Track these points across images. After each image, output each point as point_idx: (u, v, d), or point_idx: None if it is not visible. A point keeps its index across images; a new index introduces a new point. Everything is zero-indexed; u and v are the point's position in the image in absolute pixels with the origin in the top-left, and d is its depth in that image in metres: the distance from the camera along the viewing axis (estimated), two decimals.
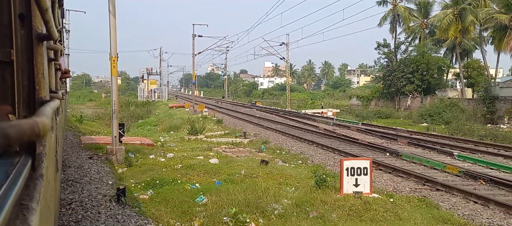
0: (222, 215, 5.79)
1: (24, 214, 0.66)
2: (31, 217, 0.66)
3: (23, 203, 0.70)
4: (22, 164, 0.82)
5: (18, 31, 1.02)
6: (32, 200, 0.73)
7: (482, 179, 8.34)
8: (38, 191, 0.80)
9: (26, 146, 0.92)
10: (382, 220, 5.62)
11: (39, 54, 1.17)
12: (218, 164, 10.24)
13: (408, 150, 12.63)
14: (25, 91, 1.09)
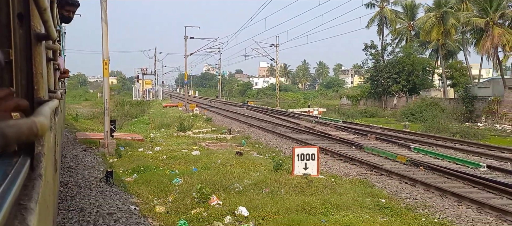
0: (191, 191, 7.13)
1: (23, 214, 0.66)
2: (30, 217, 0.66)
3: (21, 203, 0.69)
4: (21, 164, 0.82)
5: (17, 31, 1.02)
6: (30, 200, 0.72)
7: (422, 166, 9.73)
8: (37, 191, 0.80)
9: (25, 146, 0.92)
10: (320, 193, 6.98)
11: (38, 54, 1.16)
12: (199, 155, 11.58)
13: (374, 144, 14.02)
14: (24, 91, 1.09)
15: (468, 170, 9.62)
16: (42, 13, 1.10)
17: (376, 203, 6.74)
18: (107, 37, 11.78)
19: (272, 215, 5.89)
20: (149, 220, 5.88)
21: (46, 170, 1.06)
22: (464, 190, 7.67)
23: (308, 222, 5.48)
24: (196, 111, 28.71)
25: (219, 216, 6.00)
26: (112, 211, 5.95)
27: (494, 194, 7.40)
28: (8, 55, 0.99)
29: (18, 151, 0.90)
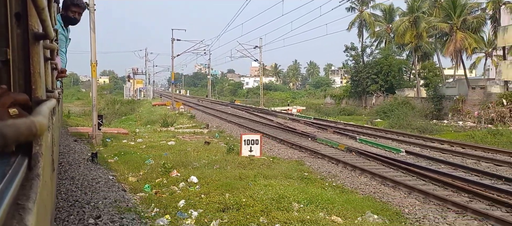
0: (159, 168, 9.25)
1: (21, 214, 0.66)
2: (28, 217, 0.67)
3: (19, 203, 0.70)
4: (19, 163, 0.83)
5: (14, 30, 1.02)
6: (28, 200, 0.73)
7: (354, 152, 11.95)
8: (35, 191, 0.80)
9: (23, 145, 0.91)
10: (257, 168, 9.14)
11: (36, 53, 1.16)
12: (174, 145, 13.69)
13: (328, 136, 16.23)
14: (22, 91, 1.08)
15: (391, 154, 11.85)
16: (40, 13, 1.11)
17: (299, 175, 8.91)
18: (95, 43, 13.84)
19: (215, 181, 8.02)
20: (123, 184, 8.00)
21: (43, 170, 1.06)
22: (370, 166, 9.89)
23: (238, 184, 7.61)
24: (182, 109, 30.79)
25: (175, 183, 8.11)
26: (95, 178, 8.06)
27: (392, 169, 9.63)
28: (6, 54, 0.99)
29: (15, 151, 0.89)
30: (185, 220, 5.89)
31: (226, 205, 6.28)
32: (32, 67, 1.15)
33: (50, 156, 1.67)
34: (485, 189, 7.58)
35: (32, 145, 0.97)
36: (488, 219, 5.91)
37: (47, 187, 1.29)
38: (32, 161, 0.95)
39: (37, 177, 0.90)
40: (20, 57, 1.09)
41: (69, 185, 7.50)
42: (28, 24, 1.10)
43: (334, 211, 6.15)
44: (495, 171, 9.57)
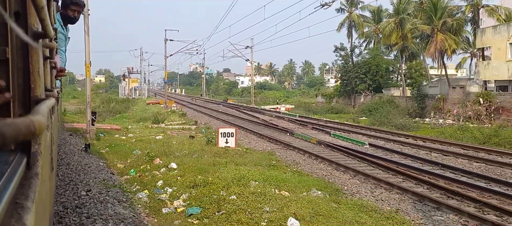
0: (143, 157, 10.57)
1: (19, 213, 0.67)
2: (26, 216, 0.67)
3: (18, 201, 0.71)
4: (17, 162, 0.83)
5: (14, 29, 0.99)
6: (27, 199, 0.74)
7: (323, 145, 13.32)
8: (33, 190, 0.81)
9: (21, 144, 0.92)
10: (230, 157, 10.48)
11: (35, 52, 1.17)
12: (161, 139, 15.01)
13: (306, 132, 17.59)
14: (21, 89, 1.09)
15: (356, 147, 13.22)
16: (39, 12, 1.11)
17: (267, 163, 10.25)
18: (89, 45, 15.12)
19: (191, 167, 9.34)
20: (111, 169, 9.32)
21: (42, 169, 1.05)
22: (332, 156, 11.25)
23: (210, 169, 8.94)
24: (174, 108, 32.09)
25: (157, 168, 9.44)
26: (88, 164, 9.38)
27: (350, 158, 11.01)
28: (5, 53, 0.99)
29: (14, 149, 0.89)
30: (160, 195, 7.23)
31: (196, 183, 7.62)
32: (31, 66, 1.13)
33: (49, 155, 1.66)
34: (420, 173, 8.97)
35: (31, 144, 0.97)
36: (406, 193, 7.29)
37: (46, 186, 1.26)
38: (31, 160, 0.94)
39: (35, 176, 0.89)
40: (19, 56, 1.07)
41: (65, 169, 8.81)
42: (28, 23, 1.10)
43: (284, 188, 7.50)
44: (440, 160, 10.96)
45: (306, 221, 5.72)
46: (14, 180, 0.72)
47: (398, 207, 6.82)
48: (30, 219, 0.69)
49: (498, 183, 8.36)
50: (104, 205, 6.11)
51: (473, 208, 6.64)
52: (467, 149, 13.39)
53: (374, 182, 8.27)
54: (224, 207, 6.22)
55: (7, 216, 0.63)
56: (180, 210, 6.40)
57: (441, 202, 6.84)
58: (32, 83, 1.16)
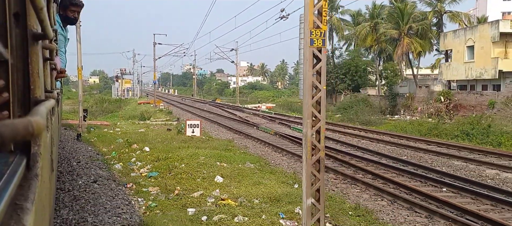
0: (124, 143, 13.19)
1: (19, 214, 0.67)
2: (26, 217, 0.68)
3: (17, 203, 0.71)
4: (17, 163, 0.84)
5: (13, 30, 1.04)
6: (26, 200, 0.74)
7: (277, 135, 16.01)
8: (33, 191, 0.82)
9: (21, 145, 0.93)
10: (194, 143, 13.13)
11: (34, 54, 1.18)
12: (143, 131, 17.62)
13: (271, 126, 20.27)
14: (20, 91, 1.11)
15: None
16: (38, 13, 1.12)
17: (224, 147, 12.88)
18: (81, 52, 17.71)
19: (160, 149, 11.96)
20: (97, 151, 11.95)
21: (42, 170, 1.06)
22: (280, 143, 13.91)
23: (174, 150, 11.56)
24: (162, 107, 34.70)
25: (134, 151, 12.05)
26: (78, 148, 12.00)
27: (296, 144, 13.67)
28: (4, 54, 0.98)
29: (14, 150, 0.90)
30: (132, 166, 9.87)
31: (159, 158, 10.28)
32: (30, 67, 1.14)
33: (49, 156, 1.68)
34: (351, 158, 11.57)
35: (30, 145, 0.98)
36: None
37: (45, 187, 1.29)
38: (31, 161, 0.95)
39: (35, 177, 0.90)
40: (19, 57, 1.08)
41: (61, 151, 11.42)
42: (27, 24, 1.11)
43: (224, 161, 10.17)
44: (376, 148, 13.59)
45: (228, 178, 8.39)
46: (13, 181, 0.72)
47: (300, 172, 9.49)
48: (30, 220, 0.69)
49: (405, 163, 10.92)
50: (89, 170, 8.76)
51: (369, 178, 9.31)
52: (401, 139, 16.12)
53: (296, 157, 10.97)
54: (174, 171, 8.89)
55: (6, 218, 0.63)
56: (144, 174, 9.05)
57: (348, 175, 9.44)
58: (32, 84, 1.16)
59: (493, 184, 8.31)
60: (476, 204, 7.03)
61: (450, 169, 9.95)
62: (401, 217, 6.32)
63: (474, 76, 29.47)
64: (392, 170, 9.76)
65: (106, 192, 7.07)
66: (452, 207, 6.62)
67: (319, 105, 5.65)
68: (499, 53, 27.47)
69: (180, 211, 6.07)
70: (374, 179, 8.77)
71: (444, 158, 11.42)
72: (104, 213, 5.84)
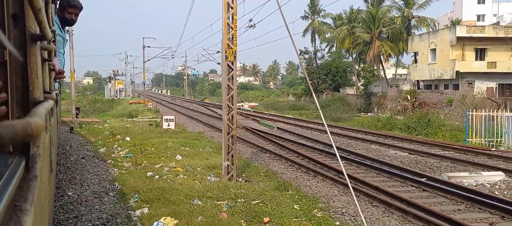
0: (109, 135, 15.87)
1: (18, 216, 0.68)
2: (25, 219, 0.68)
3: (16, 204, 0.71)
4: (16, 165, 0.84)
5: (12, 31, 1.05)
6: (26, 201, 0.75)
7: (244, 128, 18.76)
8: (32, 192, 0.82)
9: (20, 146, 0.94)
10: (168, 134, 15.84)
11: (33, 55, 1.19)
12: (128, 126, 20.30)
13: (244, 121, 23.00)
14: (19, 92, 1.11)
15: (267, 130, 18.64)
16: (37, 14, 1.13)
17: (193, 137, 15.57)
18: (73, 57, 20.35)
19: (138, 139, 14.64)
20: (86, 140, 14.63)
21: (41, 171, 1.07)
22: (243, 135, 16.62)
23: (150, 139, 14.24)
24: (150, 106, 37.36)
25: (117, 140, 14.73)
26: (71, 137, 14.68)
27: (255, 136, 16.41)
28: (3, 55, 1.00)
29: (13, 152, 0.91)
30: (113, 151, 12.55)
31: (135, 144, 12.99)
32: (29, 68, 1.15)
33: (48, 157, 1.70)
34: (292, 144, 14.31)
35: (29, 146, 0.98)
36: (256, 147, 12.69)
37: (45, 188, 1.30)
38: (30, 162, 0.96)
39: (34, 178, 0.90)
40: (17, 58, 1.09)
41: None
42: (26, 25, 1.11)
43: (188, 146, 12.88)
44: (321, 138, 16.36)
45: (186, 156, 11.10)
46: (13, 182, 0.72)
47: (249, 155, 12.23)
48: (29, 221, 0.69)
49: (343, 151, 13.67)
50: (79, 151, 11.46)
51: (293, 156, 12.02)
52: (351, 131, 18.90)
53: (250, 144, 13.72)
54: (145, 152, 11.61)
55: (6, 219, 0.63)
56: (122, 155, 11.74)
57: (277, 153, 12.13)
58: (31, 85, 1.16)
59: (388, 160, 11.05)
60: (358, 171, 9.74)
61: (366, 151, 12.72)
62: (301, 178, 9.04)
63: (436, 76, 32.40)
64: (317, 151, 12.51)
65: (91, 164, 9.78)
66: (341, 173, 9.35)
67: (233, 99, 8.41)
68: (457, 56, 30.42)
69: (142, 174, 8.78)
70: (297, 156, 11.53)
71: (366, 143, 14.21)
72: (88, 174, 8.55)
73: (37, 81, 1.24)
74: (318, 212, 6.36)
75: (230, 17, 7.96)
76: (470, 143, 14.67)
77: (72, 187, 7.58)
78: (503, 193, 7.74)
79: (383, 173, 9.26)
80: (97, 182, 8.00)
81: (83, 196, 6.94)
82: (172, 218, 5.63)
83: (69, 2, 3.97)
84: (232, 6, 7.93)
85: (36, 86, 1.21)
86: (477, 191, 7.42)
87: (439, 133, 18.52)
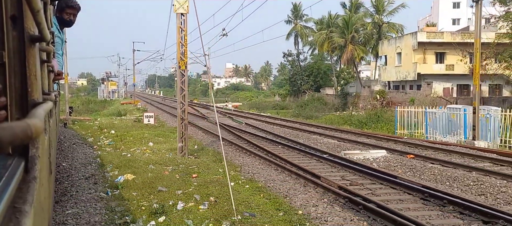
0: (97, 129, 18.87)
1: (17, 217, 0.68)
2: (24, 220, 0.69)
3: (16, 206, 0.72)
4: (15, 166, 0.85)
5: (10, 33, 1.05)
6: (25, 203, 0.75)
7: (215, 123, 21.81)
8: (31, 194, 0.83)
9: (19, 148, 0.95)
10: (148, 128, 18.86)
11: (32, 56, 1.20)
12: (115, 123, 23.30)
13: (220, 119, 26.03)
14: (18, 93, 1.12)
15: (236, 124, 21.66)
16: (35, 15, 1.14)
17: (170, 131, 18.56)
18: (67, 60, 23.30)
19: (123, 131, 17.64)
20: (78, 133, 17.63)
21: (40, 173, 1.08)
22: (210, 127, 19.67)
23: (131, 131, 17.24)
24: (139, 106, 40.34)
25: (103, 133, 17.72)
26: (65, 131, 17.67)
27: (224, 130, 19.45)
28: (2, 57, 1.01)
29: (12, 153, 0.91)
30: (99, 139, 15.55)
31: (117, 135, 16.00)
32: (28, 70, 1.16)
33: (47, 159, 1.71)
34: (249, 135, 17.37)
35: (28, 148, 0.99)
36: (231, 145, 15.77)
37: (44, 190, 1.31)
38: (29, 164, 0.96)
39: (34, 180, 0.91)
40: (16, 59, 1.09)
41: None
42: (24, 27, 1.12)
43: (162, 136, 15.89)
44: (280, 132, 19.41)
45: (156, 143, 14.12)
46: (12, 184, 0.73)
47: (208, 142, 15.25)
48: (29, 223, 0.70)
49: (282, 138, 16.64)
50: (70, 140, 14.47)
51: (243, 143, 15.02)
52: (309, 126, 21.96)
53: (211, 135, 16.75)
54: (124, 141, 14.63)
55: (5, 221, 0.64)
56: (106, 143, 14.74)
57: (231, 141, 15.14)
58: (29, 87, 1.17)
59: (314, 145, 14.10)
60: (285, 151, 12.74)
61: (306, 140, 15.78)
62: (237, 155, 12.06)
63: (402, 78, 35.63)
64: (263, 139, 15.54)
65: (80, 148, 12.80)
66: (276, 157, 12.38)
67: (185, 98, 11.47)
68: (419, 59, 33.65)
69: (118, 154, 11.80)
70: (243, 141, 14.59)
71: (309, 134, 17.30)
72: (77, 154, 11.57)
73: (36, 83, 1.25)
74: (234, 172, 9.43)
75: (182, 38, 11.00)
76: (398, 134, 17.82)
77: (66, 160, 10.60)
78: (379, 164, 10.82)
79: (301, 152, 12.34)
80: (84, 158, 11.01)
81: (73, 165, 9.97)
82: (131, 174, 8.67)
83: (67, 3, 4.06)
84: (183, 29, 10.98)
85: (35, 87, 1.23)
86: (358, 163, 10.50)
87: (384, 127, 21.67)
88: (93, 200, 7.07)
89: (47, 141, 1.73)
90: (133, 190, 7.62)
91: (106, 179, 8.64)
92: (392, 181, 8.21)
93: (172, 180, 8.34)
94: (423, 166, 10.14)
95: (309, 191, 7.82)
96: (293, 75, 53.34)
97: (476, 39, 12.63)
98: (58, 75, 3.42)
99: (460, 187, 8.30)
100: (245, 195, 7.42)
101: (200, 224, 5.80)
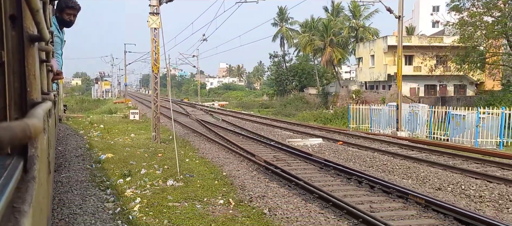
0: (88, 124, 21.58)
1: (16, 217, 0.69)
2: (23, 220, 0.69)
3: (15, 205, 0.72)
4: (14, 166, 0.85)
5: (9, 32, 1.06)
6: (24, 202, 0.76)
7: (196, 120, 24.56)
8: (30, 194, 0.83)
9: (18, 148, 0.95)
10: (133, 122, 21.60)
11: (31, 56, 1.21)
12: (105, 119, 26.02)
13: (203, 116, 28.79)
14: (17, 93, 1.13)
15: (213, 121, 24.43)
16: (34, 15, 1.15)
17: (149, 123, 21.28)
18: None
19: (110, 125, 20.35)
20: (71, 127, 20.34)
21: (39, 173, 1.08)
22: (192, 124, 22.41)
23: (116, 125, 19.96)
24: (130, 104, 43.03)
25: (93, 127, 20.43)
26: (60, 126, 20.37)
27: (201, 126, 22.22)
28: (0, 57, 1.02)
29: (11, 153, 0.92)
30: (89, 132, 18.27)
31: (105, 129, 18.74)
32: (27, 70, 1.16)
33: (46, 159, 1.72)
34: (219, 129, 20.15)
35: (27, 148, 1.00)
36: (194, 132, 18.51)
37: (43, 190, 1.31)
38: (28, 164, 0.97)
39: (32, 180, 0.92)
40: (15, 59, 1.10)
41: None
42: (23, 26, 1.13)
43: (143, 130, 18.64)
44: (251, 127, 22.18)
45: (137, 134, 16.87)
46: (11, 184, 0.73)
47: (182, 134, 18.01)
48: (27, 223, 0.70)
49: (249, 132, 19.43)
50: (64, 132, 17.20)
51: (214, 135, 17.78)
52: (281, 123, 24.76)
53: (189, 128, 19.51)
54: (110, 132, 17.38)
55: (4, 220, 0.64)
56: (95, 134, 17.46)
57: (202, 133, 17.89)
58: (28, 87, 1.17)
59: (270, 136, 16.87)
60: (243, 140, 15.48)
61: (268, 133, 18.56)
62: (201, 143, 14.81)
63: (375, 79, 38.56)
64: (230, 132, 18.29)
65: (73, 138, 15.53)
66: (232, 143, 15.14)
67: (157, 96, 14.25)
68: (389, 61, 36.56)
69: (104, 142, 14.53)
70: (212, 133, 17.36)
71: (272, 128, 20.09)
72: (70, 141, 14.31)
73: (35, 82, 1.26)
74: (192, 153, 12.21)
75: (154, 48, 13.76)
76: (351, 128, 20.67)
77: (61, 145, 13.34)
78: (313, 149, 13.62)
79: (256, 141, 15.14)
80: (76, 145, 13.75)
81: (67, 149, 12.72)
82: (111, 154, 11.43)
83: (67, 3, 4.08)
84: (156, 40, 13.74)
85: (34, 87, 1.23)
86: (293, 147, 13.29)
87: (343, 123, 24.52)
88: (81, 169, 9.83)
89: (46, 140, 1.74)
90: (111, 163, 10.39)
91: (92, 157, 11.40)
92: (306, 158, 11.03)
93: (141, 157, 11.12)
94: (344, 149, 12.97)
95: (242, 164, 10.62)
96: (279, 76, 56.19)
97: (399, 48, 15.51)
98: (57, 74, 3.48)
99: (358, 162, 11.13)
100: (193, 165, 10.22)
101: (153, 180, 8.58)
